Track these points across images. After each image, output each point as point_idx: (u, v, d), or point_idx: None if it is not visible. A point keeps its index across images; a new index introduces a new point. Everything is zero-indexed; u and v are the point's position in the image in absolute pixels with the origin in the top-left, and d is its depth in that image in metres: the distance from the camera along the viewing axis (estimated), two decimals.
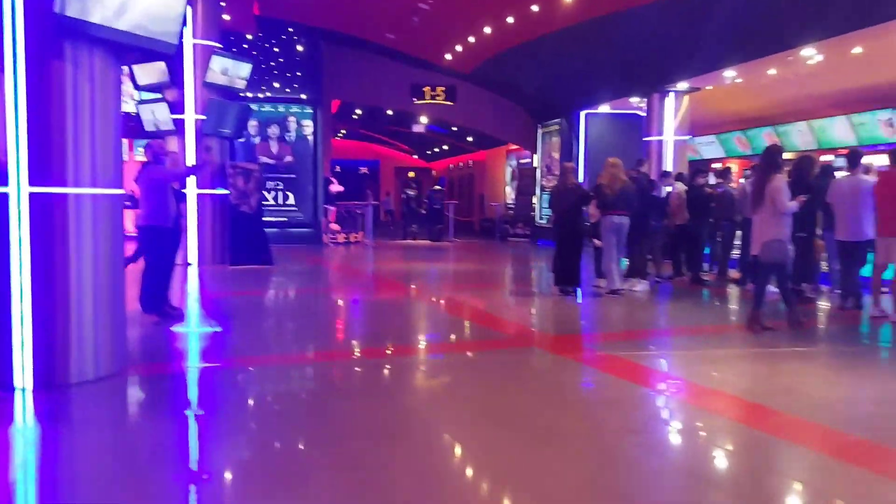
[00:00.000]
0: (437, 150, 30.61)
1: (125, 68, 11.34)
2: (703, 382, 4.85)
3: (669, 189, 10.61)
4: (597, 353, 5.97)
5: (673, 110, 13.59)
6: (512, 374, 5.13)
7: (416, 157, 33.86)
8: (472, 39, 14.37)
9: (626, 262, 9.37)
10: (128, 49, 4.80)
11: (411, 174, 34.03)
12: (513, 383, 4.85)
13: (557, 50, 13.43)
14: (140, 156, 17.16)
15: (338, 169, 31.50)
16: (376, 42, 16.24)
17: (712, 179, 10.67)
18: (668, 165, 13.15)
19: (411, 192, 20.67)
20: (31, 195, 4.30)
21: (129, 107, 13.77)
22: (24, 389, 4.32)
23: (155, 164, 6.64)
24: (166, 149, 7.45)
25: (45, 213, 4.37)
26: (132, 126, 12.71)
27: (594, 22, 11.77)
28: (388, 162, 34.16)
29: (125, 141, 17.49)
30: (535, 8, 11.81)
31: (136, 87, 12.05)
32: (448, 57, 16.13)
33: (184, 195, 8.77)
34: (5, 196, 4.26)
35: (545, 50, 13.71)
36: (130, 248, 6.77)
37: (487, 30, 13.46)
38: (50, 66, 4.31)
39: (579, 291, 8.64)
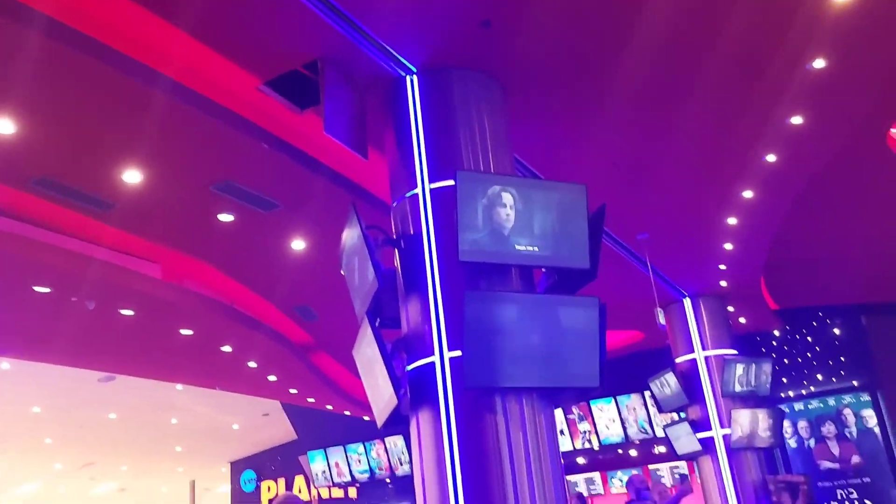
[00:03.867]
0: None
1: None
2: None
3: None
4: None
5: None
6: None
7: None
8: None
9: None
10: (555, 392, 4.77)
11: None
12: None
13: None
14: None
15: None
16: None
17: None
18: None
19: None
20: None
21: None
22: None
23: (639, 500, 6.16)
24: (648, 483, 6.93)
25: None
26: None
27: None
28: None
29: (686, 463, 17.22)
30: None
31: (660, 410, 12.10)
32: None
33: None
34: None
35: None
36: None
37: None
38: (481, 419, 4.48)
39: None
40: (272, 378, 12.09)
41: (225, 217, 6.45)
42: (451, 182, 4.79)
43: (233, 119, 5.19)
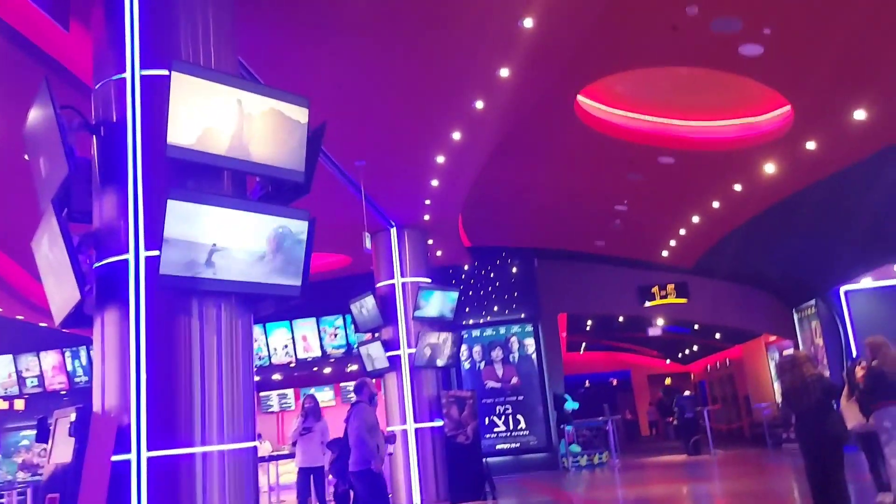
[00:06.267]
0: (687, 351, 28.39)
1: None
2: None
3: None
4: None
5: None
6: None
7: (668, 361, 31.68)
8: (682, 232, 13.45)
9: None
10: (257, 299, 4.81)
11: (668, 381, 31.72)
12: None
13: (787, 223, 11.98)
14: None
15: (587, 384, 30.49)
16: (587, 252, 15.91)
17: None
18: None
19: None
20: (151, 459, 4.18)
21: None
22: None
23: (370, 403, 6.74)
24: (376, 390, 7.59)
25: (170, 476, 4.21)
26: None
27: (826, 183, 10.18)
28: (640, 371, 32.27)
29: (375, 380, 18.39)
30: (738, 188, 10.75)
31: (357, 330, 12.76)
32: (665, 254, 15.20)
33: (393, 436, 8.79)
34: (127, 463, 4.18)
35: (772, 226, 12.31)
36: None
37: (696, 219, 12.51)
38: (175, 322, 4.37)
39: None
40: None
41: None
42: (164, 72, 4.46)
43: None
